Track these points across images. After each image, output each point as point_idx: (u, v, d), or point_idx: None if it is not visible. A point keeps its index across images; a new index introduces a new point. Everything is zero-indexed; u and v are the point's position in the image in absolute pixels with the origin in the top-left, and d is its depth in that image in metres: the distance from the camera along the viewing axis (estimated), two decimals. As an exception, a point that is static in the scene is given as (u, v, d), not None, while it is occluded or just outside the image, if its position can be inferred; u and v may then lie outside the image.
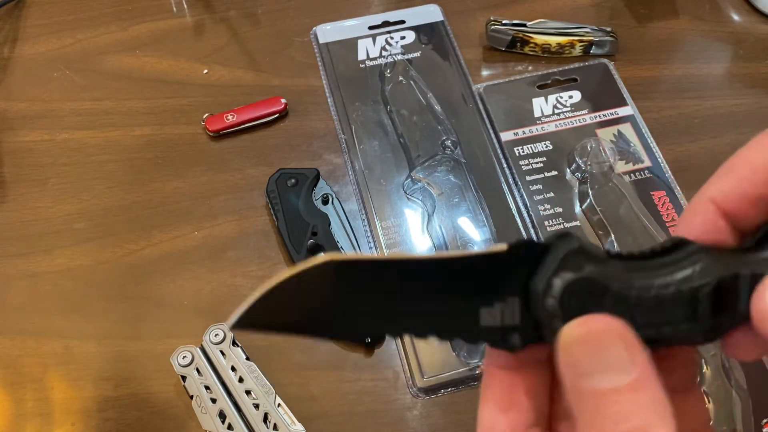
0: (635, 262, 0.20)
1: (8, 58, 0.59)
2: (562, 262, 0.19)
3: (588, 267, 0.19)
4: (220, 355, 0.43)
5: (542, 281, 0.19)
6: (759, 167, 0.20)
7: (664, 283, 0.19)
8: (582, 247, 0.20)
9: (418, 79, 0.56)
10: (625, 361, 0.18)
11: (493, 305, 0.20)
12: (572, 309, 0.19)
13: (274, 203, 0.49)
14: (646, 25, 0.61)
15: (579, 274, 0.19)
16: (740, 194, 0.20)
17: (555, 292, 0.19)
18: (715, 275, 0.19)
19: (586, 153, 0.51)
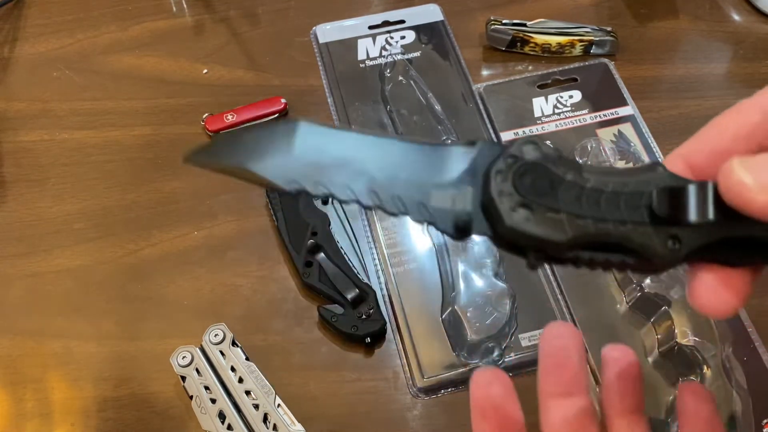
0: (593, 167, 0.21)
1: (8, 58, 0.59)
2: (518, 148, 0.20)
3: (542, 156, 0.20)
4: (219, 355, 0.43)
5: (497, 165, 0.20)
6: (726, 127, 0.21)
7: (621, 181, 0.20)
8: (539, 144, 0.20)
9: (418, 79, 0.56)
10: None
11: (446, 189, 0.20)
12: (524, 186, 0.19)
13: (273, 203, 0.49)
14: (646, 24, 0.61)
15: (533, 158, 0.20)
16: (708, 149, 0.22)
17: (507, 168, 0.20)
18: (671, 182, 0.20)
19: (586, 153, 0.51)
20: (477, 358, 0.43)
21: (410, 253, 0.48)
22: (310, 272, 0.47)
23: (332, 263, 0.47)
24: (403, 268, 0.47)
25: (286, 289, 0.47)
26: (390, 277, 0.47)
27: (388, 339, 0.45)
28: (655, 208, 0.20)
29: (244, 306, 0.47)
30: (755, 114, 0.21)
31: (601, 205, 0.20)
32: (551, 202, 0.19)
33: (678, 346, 0.43)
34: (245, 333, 0.45)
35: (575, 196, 0.20)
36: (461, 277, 0.45)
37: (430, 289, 0.46)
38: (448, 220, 0.20)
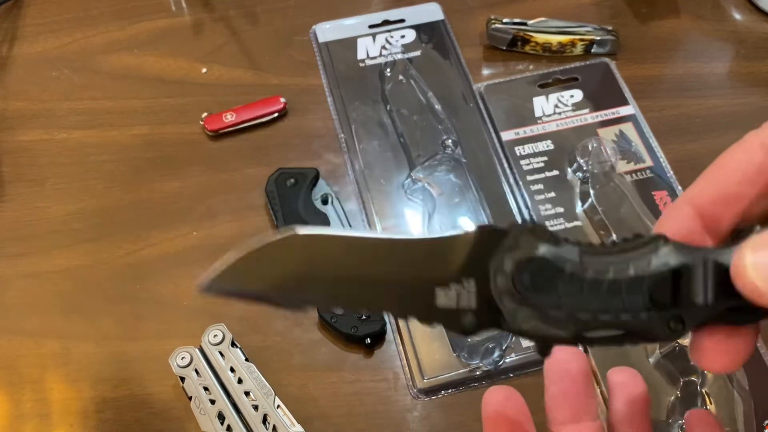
0: (593, 248, 0.20)
1: (6, 58, 0.59)
2: (516, 242, 0.20)
3: (542, 247, 0.20)
4: (219, 356, 0.42)
5: (496, 262, 0.20)
6: (732, 168, 0.21)
7: (621, 268, 0.19)
8: (536, 229, 0.20)
9: (418, 79, 0.55)
10: None
11: (449, 286, 0.20)
12: (524, 287, 0.20)
13: (273, 203, 0.49)
14: (647, 23, 0.60)
15: (531, 254, 0.20)
16: (714, 193, 0.21)
17: (506, 270, 0.20)
18: (673, 263, 0.19)
19: (587, 152, 0.50)
20: (477, 359, 0.43)
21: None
22: (309, 272, 0.46)
23: (332, 263, 0.46)
24: (403, 268, 0.47)
25: (286, 289, 0.47)
26: (390, 277, 0.47)
27: (388, 340, 0.45)
28: (656, 297, 0.20)
29: (243, 306, 0.47)
30: (758, 151, 0.21)
31: (602, 296, 0.20)
32: (552, 299, 0.20)
33: (679, 347, 0.42)
34: (245, 334, 0.45)
35: (576, 289, 0.20)
36: (461, 278, 0.45)
37: (431, 290, 0.46)
38: (455, 320, 0.20)
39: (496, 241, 0.20)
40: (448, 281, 0.20)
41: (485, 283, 0.20)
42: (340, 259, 0.20)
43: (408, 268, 0.20)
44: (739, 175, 0.21)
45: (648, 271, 0.19)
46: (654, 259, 0.19)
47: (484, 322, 0.20)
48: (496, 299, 0.20)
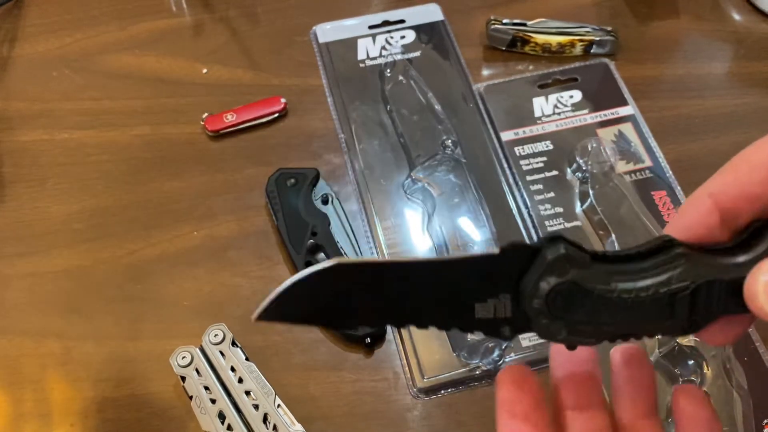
0: (618, 265, 0.21)
1: (7, 58, 0.59)
2: (549, 267, 0.21)
3: (572, 271, 0.21)
4: (219, 355, 0.43)
5: (530, 284, 0.21)
6: (756, 166, 0.21)
7: (645, 286, 0.21)
8: (568, 252, 0.21)
9: (418, 79, 0.56)
10: None
11: (486, 301, 0.22)
12: (557, 308, 0.21)
13: (273, 203, 0.49)
14: (647, 24, 0.61)
15: (563, 278, 0.21)
16: (737, 191, 0.21)
17: (541, 294, 0.21)
18: (692, 280, 0.21)
19: (586, 153, 0.51)
20: (477, 358, 0.43)
21: (410, 253, 0.48)
22: (309, 272, 0.46)
23: (332, 263, 0.46)
24: (403, 268, 0.47)
25: (286, 289, 0.47)
26: (390, 277, 0.47)
27: (388, 339, 0.45)
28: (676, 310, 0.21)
29: (244, 306, 0.47)
30: None
31: (628, 311, 0.21)
32: (582, 317, 0.21)
33: (678, 347, 0.43)
34: (245, 333, 0.45)
35: (603, 307, 0.21)
36: (461, 278, 0.45)
37: (430, 290, 0.46)
38: (494, 329, 0.22)
39: (528, 259, 0.21)
40: (485, 297, 0.22)
41: (519, 298, 0.22)
42: (383, 283, 0.22)
43: (447, 287, 0.22)
44: (763, 174, 0.21)
45: (670, 289, 0.21)
46: (675, 278, 0.21)
47: (519, 329, 0.22)
48: (529, 315, 0.21)
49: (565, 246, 0.21)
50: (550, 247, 0.21)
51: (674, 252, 0.21)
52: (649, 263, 0.21)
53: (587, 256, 0.21)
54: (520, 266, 0.21)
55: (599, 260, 0.21)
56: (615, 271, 0.21)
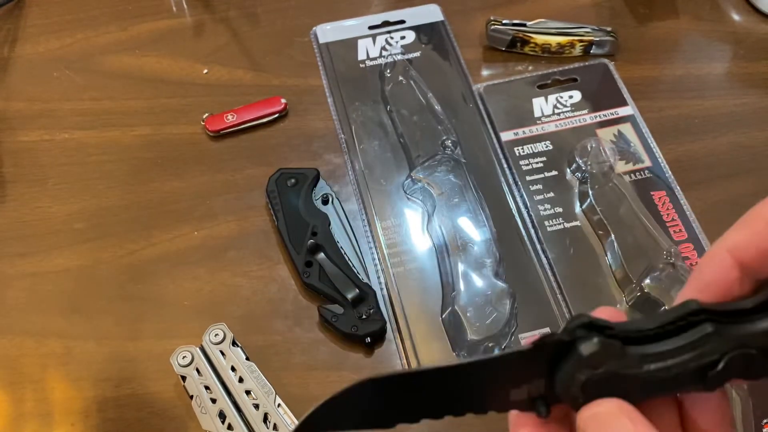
0: (649, 346, 0.22)
1: (8, 58, 0.59)
2: (584, 361, 0.22)
3: (607, 363, 0.22)
4: (220, 355, 0.43)
5: (565, 376, 0.22)
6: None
7: (676, 363, 0.22)
8: (602, 347, 0.22)
9: (418, 79, 0.56)
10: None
11: (521, 387, 0.23)
12: (592, 394, 0.22)
13: (274, 203, 0.49)
14: (646, 24, 0.61)
15: (598, 370, 0.22)
16: (756, 248, 0.22)
17: (577, 385, 0.22)
18: (723, 352, 0.21)
19: (586, 153, 0.51)
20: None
21: (410, 253, 0.48)
22: (310, 272, 0.47)
23: (332, 263, 0.47)
24: (403, 268, 0.47)
25: (286, 289, 0.47)
26: (390, 277, 0.47)
27: (388, 339, 0.45)
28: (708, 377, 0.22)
29: (244, 306, 0.47)
30: None
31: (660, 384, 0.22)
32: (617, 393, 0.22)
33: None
34: (245, 333, 0.45)
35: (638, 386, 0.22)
36: (461, 277, 0.45)
37: (430, 289, 0.46)
38: (528, 406, 0.23)
39: (561, 349, 0.22)
40: (519, 384, 0.23)
41: (553, 383, 0.22)
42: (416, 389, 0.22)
43: (482, 383, 0.22)
44: None
45: (701, 363, 0.22)
46: (707, 353, 0.22)
47: (553, 402, 0.23)
48: (569, 402, 0.22)
49: (599, 340, 0.22)
50: (583, 341, 0.22)
51: (703, 326, 0.22)
52: (680, 341, 0.22)
53: (619, 344, 0.22)
54: (554, 354, 0.22)
55: (630, 343, 0.22)
56: (647, 353, 0.22)
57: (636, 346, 0.22)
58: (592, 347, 0.22)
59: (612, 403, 0.21)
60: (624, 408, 0.21)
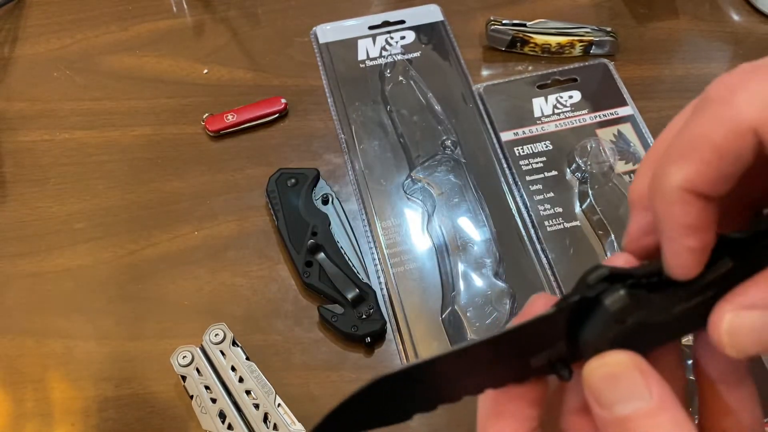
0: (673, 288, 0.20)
1: (8, 58, 0.59)
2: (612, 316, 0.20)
3: (635, 314, 0.20)
4: (220, 355, 0.43)
5: (593, 336, 0.20)
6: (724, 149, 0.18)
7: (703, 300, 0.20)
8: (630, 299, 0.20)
9: (418, 79, 0.56)
10: (642, 388, 0.19)
11: (541, 353, 0.21)
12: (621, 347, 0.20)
13: (274, 203, 0.49)
14: (646, 25, 0.61)
15: (629, 323, 0.20)
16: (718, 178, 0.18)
17: (607, 341, 0.20)
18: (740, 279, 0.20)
19: (586, 153, 0.51)
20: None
21: (410, 253, 0.48)
22: (310, 272, 0.47)
23: (332, 263, 0.47)
24: (403, 268, 0.47)
25: (286, 289, 0.47)
26: (390, 277, 0.47)
27: (388, 339, 0.45)
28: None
29: (244, 306, 0.47)
30: None
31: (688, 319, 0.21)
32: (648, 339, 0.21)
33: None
34: (245, 333, 0.45)
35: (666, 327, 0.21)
36: (461, 277, 0.45)
37: (430, 289, 0.46)
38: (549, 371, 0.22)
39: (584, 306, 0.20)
40: (540, 350, 0.21)
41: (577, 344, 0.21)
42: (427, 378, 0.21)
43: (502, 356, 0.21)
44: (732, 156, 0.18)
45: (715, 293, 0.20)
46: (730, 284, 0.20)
47: (573, 362, 0.21)
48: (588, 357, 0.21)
49: (625, 293, 0.20)
50: (609, 294, 0.20)
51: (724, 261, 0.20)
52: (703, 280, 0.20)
53: (644, 293, 0.20)
54: (575, 313, 0.21)
55: (654, 288, 0.20)
56: (673, 297, 0.20)
57: (660, 291, 0.20)
58: (619, 301, 0.20)
59: (622, 356, 0.20)
60: (635, 361, 0.20)
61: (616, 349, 0.20)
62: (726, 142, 0.17)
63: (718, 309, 0.19)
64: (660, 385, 0.19)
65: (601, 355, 0.20)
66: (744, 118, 0.17)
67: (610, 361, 0.20)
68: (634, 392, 0.19)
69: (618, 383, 0.19)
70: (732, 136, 0.17)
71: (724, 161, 0.17)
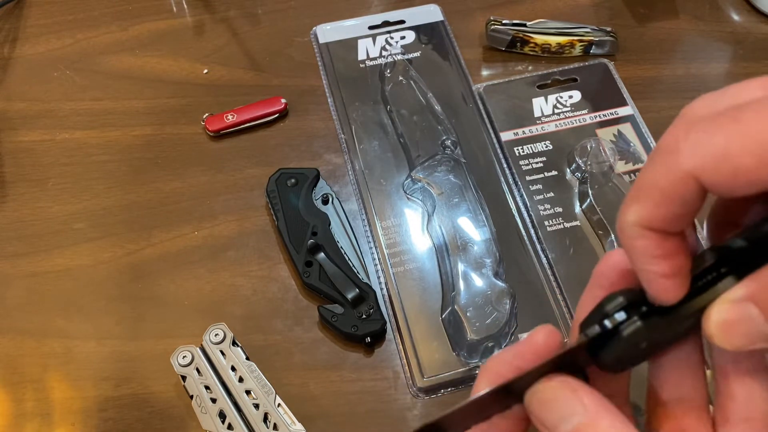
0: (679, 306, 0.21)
1: (8, 58, 0.59)
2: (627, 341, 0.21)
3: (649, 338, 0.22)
4: (220, 355, 0.43)
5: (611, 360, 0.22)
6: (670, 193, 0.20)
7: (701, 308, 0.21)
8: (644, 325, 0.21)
9: (418, 79, 0.56)
10: (575, 404, 0.21)
11: None
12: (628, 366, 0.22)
13: (274, 203, 0.49)
14: (646, 24, 0.61)
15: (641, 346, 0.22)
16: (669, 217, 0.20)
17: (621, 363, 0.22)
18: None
19: (586, 153, 0.51)
20: (477, 357, 0.44)
21: (410, 253, 0.48)
22: (310, 272, 0.47)
23: (332, 263, 0.47)
24: (403, 268, 0.47)
25: (286, 289, 0.48)
26: (390, 277, 0.47)
27: (388, 339, 0.45)
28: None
29: (244, 306, 0.47)
30: None
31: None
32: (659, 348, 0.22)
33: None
34: (245, 333, 0.45)
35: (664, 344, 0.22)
36: (461, 277, 0.45)
37: (430, 289, 0.46)
38: None
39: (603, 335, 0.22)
40: None
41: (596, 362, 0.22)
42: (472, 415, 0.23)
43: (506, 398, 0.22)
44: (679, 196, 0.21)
45: None
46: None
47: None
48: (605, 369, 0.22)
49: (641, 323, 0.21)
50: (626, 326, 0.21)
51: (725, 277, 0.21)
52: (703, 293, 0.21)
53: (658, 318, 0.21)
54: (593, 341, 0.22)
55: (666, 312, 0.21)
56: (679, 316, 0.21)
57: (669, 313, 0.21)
58: (635, 330, 0.21)
59: (552, 381, 0.22)
60: (565, 381, 0.22)
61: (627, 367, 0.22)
62: (671, 187, 0.19)
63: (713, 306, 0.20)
64: (591, 396, 0.21)
65: (534, 386, 0.22)
66: (685, 167, 0.19)
67: (541, 388, 0.22)
68: (569, 409, 0.21)
69: (554, 405, 0.21)
70: (676, 181, 0.19)
71: (673, 203, 0.20)
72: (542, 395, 0.22)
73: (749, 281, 0.20)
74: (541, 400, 0.22)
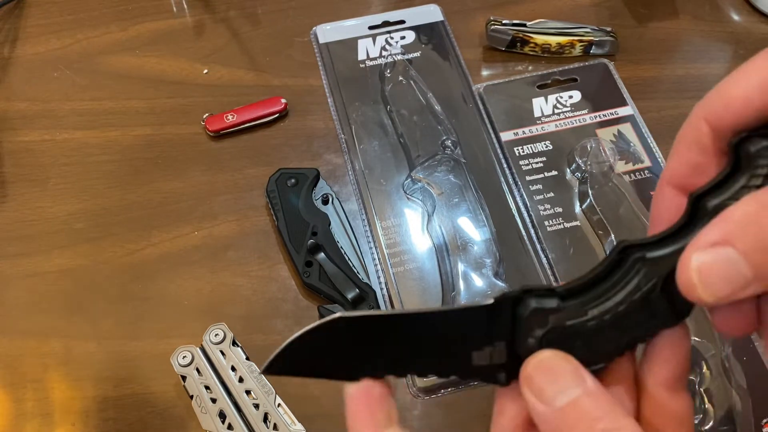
0: (588, 293, 0.22)
1: (8, 58, 0.59)
2: (528, 323, 0.22)
3: (550, 318, 0.22)
4: (220, 355, 0.43)
5: (522, 340, 0.23)
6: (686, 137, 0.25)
7: (618, 302, 0.22)
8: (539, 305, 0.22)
9: (418, 79, 0.56)
10: (577, 377, 0.21)
11: (483, 349, 0.23)
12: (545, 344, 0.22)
13: (274, 203, 0.49)
14: (646, 25, 0.61)
15: (544, 328, 0.22)
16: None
17: (532, 348, 0.22)
18: (656, 276, 0.22)
19: (586, 153, 0.51)
20: (477, 357, 0.43)
21: (410, 253, 0.48)
22: (310, 272, 0.47)
23: (332, 263, 0.47)
24: (403, 268, 0.47)
25: (286, 289, 0.48)
26: (390, 277, 0.47)
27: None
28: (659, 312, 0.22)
29: (244, 306, 0.47)
30: None
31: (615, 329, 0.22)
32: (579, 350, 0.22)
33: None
34: (245, 333, 0.45)
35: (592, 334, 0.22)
36: (461, 277, 0.45)
37: (430, 289, 0.46)
38: (490, 375, 0.23)
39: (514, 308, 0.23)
40: (482, 345, 0.23)
41: (513, 343, 0.23)
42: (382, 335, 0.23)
43: (445, 337, 0.23)
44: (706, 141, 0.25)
45: (642, 293, 0.22)
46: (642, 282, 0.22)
47: (514, 373, 0.23)
48: (525, 356, 0.23)
49: (535, 300, 0.22)
50: (520, 304, 0.22)
51: (632, 258, 0.22)
52: (615, 278, 0.22)
53: (556, 299, 0.22)
54: (512, 314, 0.23)
55: (570, 296, 0.22)
56: (587, 300, 0.22)
57: (576, 298, 0.22)
58: (528, 307, 0.22)
59: (552, 351, 0.22)
60: (564, 355, 0.22)
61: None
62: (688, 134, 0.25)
63: (685, 253, 0.20)
64: (589, 374, 0.21)
65: (535, 354, 0.22)
66: (695, 115, 0.24)
67: (543, 356, 0.22)
68: (570, 381, 0.21)
69: (555, 375, 0.21)
70: (690, 128, 0.25)
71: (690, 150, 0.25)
72: (544, 363, 0.22)
73: (720, 221, 0.19)
74: (543, 368, 0.22)
